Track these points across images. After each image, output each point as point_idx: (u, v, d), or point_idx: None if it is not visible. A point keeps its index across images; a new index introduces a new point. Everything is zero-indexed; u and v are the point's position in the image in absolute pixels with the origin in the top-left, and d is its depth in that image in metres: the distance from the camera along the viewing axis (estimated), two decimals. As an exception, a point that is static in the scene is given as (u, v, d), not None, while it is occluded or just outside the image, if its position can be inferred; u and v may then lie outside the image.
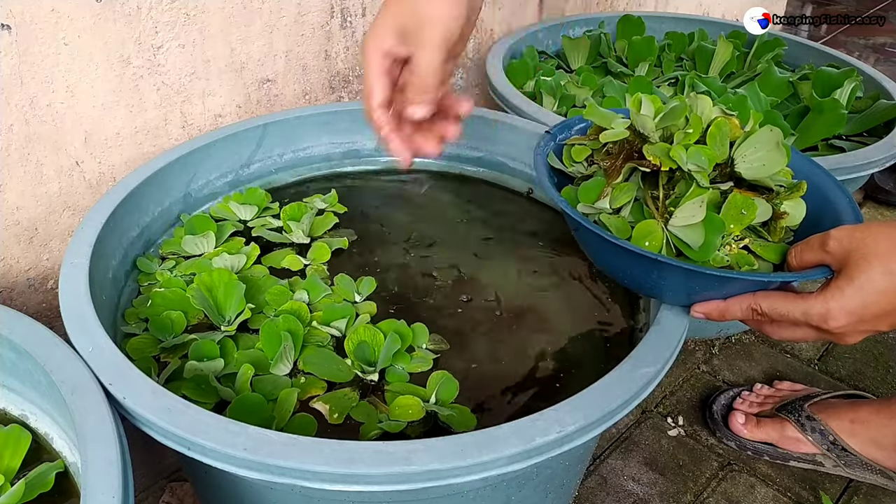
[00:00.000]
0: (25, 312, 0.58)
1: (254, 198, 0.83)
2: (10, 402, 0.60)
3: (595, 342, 0.68)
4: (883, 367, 1.02)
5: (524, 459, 0.48)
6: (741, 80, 1.19)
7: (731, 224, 0.57)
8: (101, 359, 0.53)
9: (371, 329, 0.63)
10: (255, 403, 0.57)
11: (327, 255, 0.76)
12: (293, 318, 0.63)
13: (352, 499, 0.51)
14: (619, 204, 0.60)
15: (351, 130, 0.91)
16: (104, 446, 0.46)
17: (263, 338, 0.62)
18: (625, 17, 1.29)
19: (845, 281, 0.51)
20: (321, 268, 0.75)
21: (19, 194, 0.72)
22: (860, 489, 0.85)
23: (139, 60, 0.76)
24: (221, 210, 0.81)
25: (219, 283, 0.66)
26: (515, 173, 0.90)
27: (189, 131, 0.85)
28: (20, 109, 0.69)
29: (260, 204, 0.83)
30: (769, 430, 0.87)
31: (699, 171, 0.58)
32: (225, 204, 0.82)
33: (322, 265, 0.75)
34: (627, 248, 0.55)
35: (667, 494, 0.83)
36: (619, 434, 0.91)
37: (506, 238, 0.81)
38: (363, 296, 0.71)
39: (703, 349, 1.05)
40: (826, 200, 0.63)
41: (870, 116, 1.04)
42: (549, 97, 1.06)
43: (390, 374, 0.62)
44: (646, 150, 0.59)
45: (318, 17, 0.92)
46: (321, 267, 0.75)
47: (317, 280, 0.71)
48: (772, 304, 0.54)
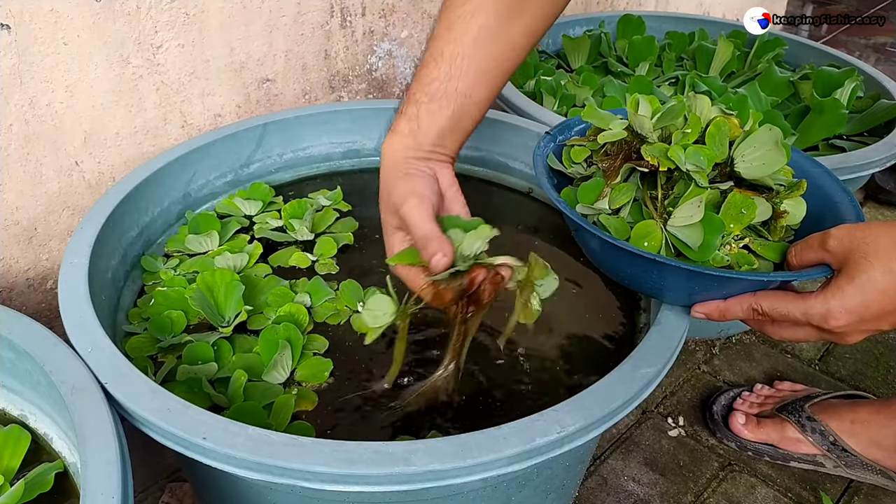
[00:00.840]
0: (25, 312, 0.58)
1: (258, 193, 0.83)
2: (9, 403, 0.60)
3: (595, 342, 0.68)
4: (883, 367, 1.02)
5: (524, 460, 0.48)
6: (742, 79, 1.19)
7: (730, 224, 0.57)
8: (101, 359, 0.53)
9: None
10: (251, 412, 0.57)
11: (334, 249, 0.76)
12: (293, 326, 0.63)
13: (352, 499, 0.51)
14: (617, 204, 0.60)
15: (351, 130, 0.91)
16: (104, 446, 0.46)
17: (262, 343, 0.62)
18: (625, 17, 1.29)
19: (846, 280, 0.50)
20: (330, 262, 0.75)
21: (19, 194, 0.72)
22: (861, 489, 0.85)
23: (138, 60, 0.76)
24: (227, 206, 0.82)
25: (220, 283, 0.66)
26: (515, 173, 0.90)
27: (188, 131, 0.84)
28: (20, 109, 0.69)
29: (264, 199, 0.83)
30: (769, 430, 0.87)
31: (697, 170, 0.58)
32: (230, 200, 0.82)
33: (331, 259, 0.75)
34: (627, 249, 0.55)
35: (667, 495, 0.83)
36: (620, 434, 0.91)
37: (505, 238, 0.81)
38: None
39: (704, 349, 1.05)
40: (827, 199, 0.63)
41: (870, 116, 1.04)
42: (550, 97, 1.06)
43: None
44: (644, 150, 0.59)
45: (318, 16, 0.92)
46: (330, 261, 0.75)
47: (321, 284, 0.70)
48: (772, 304, 0.54)
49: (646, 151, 0.59)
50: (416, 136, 0.59)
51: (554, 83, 1.07)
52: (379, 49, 1.02)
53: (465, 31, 0.59)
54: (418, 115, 0.59)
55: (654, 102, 0.63)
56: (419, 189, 0.57)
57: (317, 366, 0.63)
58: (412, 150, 0.59)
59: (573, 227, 0.62)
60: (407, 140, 0.59)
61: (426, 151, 0.60)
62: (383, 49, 1.03)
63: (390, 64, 1.05)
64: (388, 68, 1.05)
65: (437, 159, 0.60)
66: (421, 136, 0.59)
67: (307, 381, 0.62)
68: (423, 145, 0.59)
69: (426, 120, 0.59)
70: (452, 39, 0.59)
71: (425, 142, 0.59)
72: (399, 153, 0.59)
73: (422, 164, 0.59)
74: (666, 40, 1.30)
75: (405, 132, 0.59)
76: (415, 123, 0.59)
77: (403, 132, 0.59)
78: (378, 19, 0.99)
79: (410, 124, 0.59)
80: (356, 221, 0.81)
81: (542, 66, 1.17)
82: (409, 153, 0.59)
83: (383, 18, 1.00)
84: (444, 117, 0.59)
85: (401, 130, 0.60)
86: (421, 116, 0.59)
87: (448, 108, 0.59)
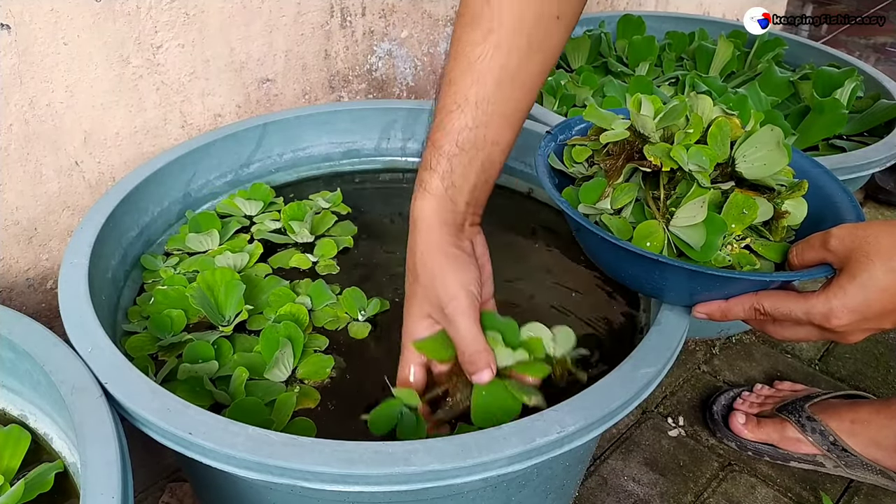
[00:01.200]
0: (24, 312, 0.57)
1: (259, 193, 0.83)
2: (9, 403, 0.60)
3: (595, 342, 0.68)
4: (883, 367, 1.02)
5: (524, 460, 0.48)
6: (742, 79, 1.19)
7: (732, 224, 0.57)
8: (101, 359, 0.53)
9: None
10: (253, 407, 0.57)
11: (334, 250, 0.76)
12: (293, 325, 0.63)
13: (351, 499, 0.51)
14: (620, 204, 0.60)
15: (351, 130, 0.91)
16: (104, 446, 0.46)
17: (263, 342, 0.62)
18: (625, 17, 1.29)
19: (847, 279, 0.50)
20: (331, 262, 0.75)
21: (19, 194, 0.72)
22: (861, 490, 0.85)
23: (138, 60, 0.76)
24: (227, 206, 0.82)
25: (220, 282, 0.66)
26: (515, 173, 0.90)
27: (188, 131, 0.84)
28: (20, 109, 0.69)
29: (265, 199, 0.83)
30: (769, 430, 0.87)
31: (700, 171, 0.57)
32: (230, 200, 0.82)
33: (331, 260, 0.75)
34: (629, 250, 0.55)
35: (667, 495, 0.83)
36: (620, 434, 0.91)
37: (505, 238, 0.81)
38: (366, 315, 0.69)
39: (704, 349, 1.04)
40: (828, 199, 0.63)
41: (870, 116, 1.04)
42: (550, 97, 1.06)
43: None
44: (646, 150, 0.59)
45: (318, 16, 0.92)
46: (331, 262, 0.75)
47: (323, 287, 0.70)
48: (774, 304, 0.54)
49: (648, 151, 0.59)
50: (452, 196, 0.54)
51: (554, 83, 1.07)
52: (379, 49, 1.02)
53: (488, 72, 0.54)
54: (451, 170, 0.54)
55: (657, 102, 0.63)
56: (468, 285, 0.53)
57: (318, 363, 0.63)
58: (450, 214, 0.55)
59: (575, 227, 0.62)
60: (444, 202, 0.54)
61: (462, 213, 0.55)
62: (383, 49, 1.03)
63: (390, 64, 1.05)
64: (388, 68, 1.05)
65: (471, 222, 0.57)
66: (456, 194, 0.54)
67: (309, 379, 0.62)
68: (458, 205, 0.55)
69: (459, 174, 0.54)
70: (475, 81, 0.54)
71: (461, 201, 0.55)
72: (435, 218, 0.54)
73: (462, 237, 0.56)
74: (666, 40, 1.29)
75: (440, 192, 0.54)
76: (448, 180, 0.54)
77: (438, 192, 0.54)
78: (378, 19, 0.99)
79: (444, 182, 0.54)
80: (355, 226, 0.81)
81: (542, 66, 1.17)
82: (447, 216, 0.54)
83: (383, 18, 1.00)
84: (475, 170, 0.55)
85: (434, 190, 0.54)
86: (454, 171, 0.54)
87: (478, 160, 0.55)
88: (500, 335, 0.55)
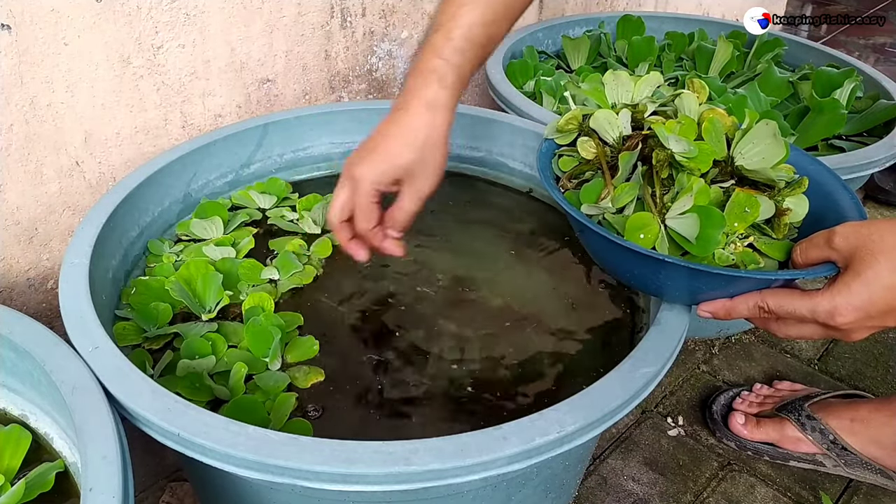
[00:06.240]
0: (25, 312, 0.58)
1: (274, 188, 0.85)
2: (10, 402, 0.60)
3: (595, 342, 0.68)
4: (883, 366, 1.02)
5: (524, 459, 0.48)
6: (741, 80, 1.19)
7: (735, 222, 0.57)
8: (101, 359, 0.53)
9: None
10: (250, 406, 0.57)
11: (328, 250, 0.76)
12: (273, 316, 0.65)
13: (352, 499, 0.51)
14: (621, 203, 0.60)
15: (351, 130, 0.91)
16: (104, 446, 0.46)
17: (249, 338, 0.63)
18: (625, 17, 1.29)
19: (852, 277, 0.50)
20: (317, 262, 0.76)
21: (19, 194, 0.72)
22: (860, 489, 0.85)
23: (139, 60, 0.76)
24: (242, 198, 0.83)
25: (197, 274, 0.67)
26: (515, 173, 0.90)
27: (189, 131, 0.85)
28: (20, 109, 0.69)
29: (280, 194, 0.85)
30: (769, 429, 0.87)
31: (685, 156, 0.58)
32: (246, 192, 0.84)
33: (319, 259, 0.76)
34: (633, 249, 0.55)
35: (667, 494, 0.83)
36: (619, 434, 0.91)
37: (505, 237, 0.81)
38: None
39: (703, 349, 1.05)
40: (829, 198, 0.63)
41: (870, 116, 1.04)
42: (549, 97, 1.06)
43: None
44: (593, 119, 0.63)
45: (318, 17, 0.92)
46: (318, 261, 0.76)
47: (290, 258, 0.73)
48: (778, 302, 0.54)
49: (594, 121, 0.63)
50: (458, 91, 0.62)
51: (554, 83, 1.07)
52: (379, 49, 1.02)
53: None
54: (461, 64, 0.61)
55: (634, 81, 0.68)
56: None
57: (304, 344, 0.65)
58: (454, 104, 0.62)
59: (577, 227, 0.62)
60: (454, 97, 0.62)
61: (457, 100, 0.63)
62: (383, 49, 1.03)
63: (390, 64, 1.05)
64: (389, 69, 1.05)
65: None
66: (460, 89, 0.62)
67: (300, 361, 0.64)
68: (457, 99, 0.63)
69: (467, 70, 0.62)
70: None
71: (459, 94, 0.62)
72: (448, 112, 0.61)
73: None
74: (665, 41, 1.30)
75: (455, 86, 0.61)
76: (456, 75, 0.61)
77: (453, 87, 0.61)
78: (378, 20, 0.99)
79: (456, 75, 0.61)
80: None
81: (541, 66, 1.17)
82: (453, 106, 0.62)
83: (383, 19, 1.00)
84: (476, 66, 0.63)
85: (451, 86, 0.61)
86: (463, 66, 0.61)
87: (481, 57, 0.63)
88: None
